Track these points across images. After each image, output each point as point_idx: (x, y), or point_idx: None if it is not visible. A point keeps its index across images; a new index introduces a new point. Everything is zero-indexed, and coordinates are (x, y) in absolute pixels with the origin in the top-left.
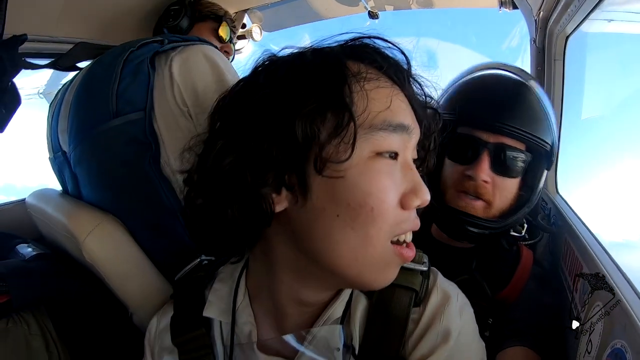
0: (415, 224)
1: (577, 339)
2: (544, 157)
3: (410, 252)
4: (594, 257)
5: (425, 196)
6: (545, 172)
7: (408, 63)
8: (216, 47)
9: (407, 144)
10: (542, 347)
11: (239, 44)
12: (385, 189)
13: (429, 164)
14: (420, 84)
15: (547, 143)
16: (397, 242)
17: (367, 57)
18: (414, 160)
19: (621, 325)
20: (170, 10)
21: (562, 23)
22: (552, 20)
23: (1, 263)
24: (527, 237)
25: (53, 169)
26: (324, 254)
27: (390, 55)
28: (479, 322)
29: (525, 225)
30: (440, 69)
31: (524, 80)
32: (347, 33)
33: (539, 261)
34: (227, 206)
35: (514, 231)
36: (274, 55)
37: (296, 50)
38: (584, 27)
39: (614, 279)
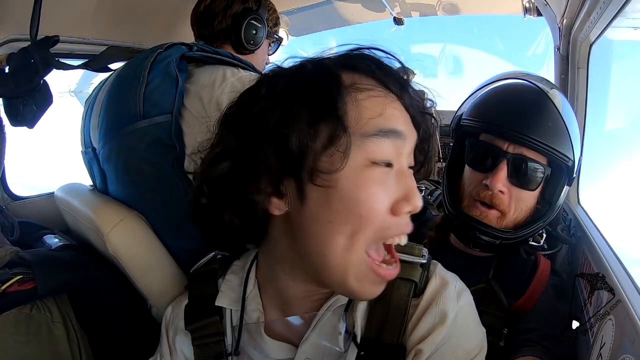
0: (404, 229)
1: (589, 352)
2: (564, 172)
3: (391, 272)
4: (610, 272)
5: (416, 202)
6: (566, 187)
7: (405, 72)
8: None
9: (402, 150)
10: (554, 358)
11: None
12: (375, 195)
13: (428, 168)
14: (417, 92)
15: (569, 158)
16: (382, 254)
17: (363, 68)
18: (413, 165)
19: (630, 340)
20: (251, 21)
21: (585, 30)
22: (575, 28)
23: (29, 252)
24: (545, 247)
25: (84, 162)
26: (314, 256)
27: (388, 64)
28: (494, 333)
29: (545, 235)
30: (467, 75)
31: (546, 91)
32: (347, 44)
33: (557, 272)
34: (223, 209)
35: (532, 241)
36: (278, 67)
37: (298, 62)
38: (608, 34)
39: (628, 295)
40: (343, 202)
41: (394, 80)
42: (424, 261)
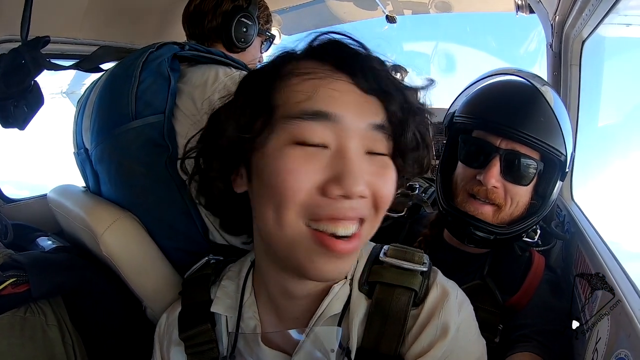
0: (337, 213)
1: (585, 347)
2: (557, 167)
3: (341, 245)
4: (604, 266)
5: (349, 187)
6: (559, 183)
7: (368, 53)
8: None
9: (341, 133)
10: (549, 353)
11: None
12: (293, 171)
13: (425, 163)
14: (380, 71)
15: (561, 153)
16: (325, 232)
17: (304, 54)
18: (394, 152)
19: (626, 334)
20: (241, 19)
21: (577, 27)
22: (567, 25)
23: (22, 254)
24: (540, 243)
25: (76, 163)
26: (260, 232)
27: (344, 46)
28: (490, 329)
29: (539, 232)
30: (460, 73)
31: (537, 87)
32: (312, 33)
33: (552, 267)
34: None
35: (527, 237)
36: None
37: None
38: (601, 31)
39: (621, 287)
40: (265, 177)
41: (340, 60)
42: (425, 269)
